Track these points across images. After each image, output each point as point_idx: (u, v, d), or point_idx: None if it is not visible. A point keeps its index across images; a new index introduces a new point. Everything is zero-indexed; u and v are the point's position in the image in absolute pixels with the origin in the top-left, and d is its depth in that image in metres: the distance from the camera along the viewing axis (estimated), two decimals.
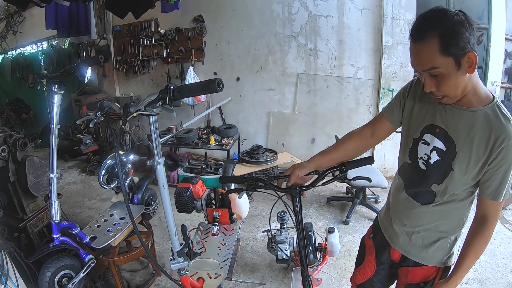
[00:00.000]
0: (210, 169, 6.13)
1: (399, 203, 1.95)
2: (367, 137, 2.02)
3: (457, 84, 1.48)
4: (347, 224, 4.76)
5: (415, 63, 1.51)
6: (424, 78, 1.52)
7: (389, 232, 2.03)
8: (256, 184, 1.92)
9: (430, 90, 1.53)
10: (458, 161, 1.61)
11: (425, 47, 1.42)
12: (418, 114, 1.78)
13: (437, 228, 1.82)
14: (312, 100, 6.51)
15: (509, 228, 4.68)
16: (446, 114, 1.65)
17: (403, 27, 5.76)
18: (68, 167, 7.19)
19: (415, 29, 1.45)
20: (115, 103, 2.35)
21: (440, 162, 1.68)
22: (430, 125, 1.71)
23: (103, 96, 7.54)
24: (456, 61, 1.40)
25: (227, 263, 2.82)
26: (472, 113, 1.57)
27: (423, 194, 1.79)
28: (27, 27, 8.71)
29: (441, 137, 1.66)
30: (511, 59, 6.20)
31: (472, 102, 1.58)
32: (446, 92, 1.52)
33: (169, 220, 1.96)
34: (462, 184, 1.66)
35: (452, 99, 1.56)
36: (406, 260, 1.95)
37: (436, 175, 1.70)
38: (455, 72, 1.43)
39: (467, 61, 1.41)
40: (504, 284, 3.64)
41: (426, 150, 1.73)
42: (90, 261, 3.03)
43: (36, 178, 3.25)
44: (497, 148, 1.51)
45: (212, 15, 6.64)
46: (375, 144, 2.11)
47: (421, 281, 1.93)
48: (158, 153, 1.83)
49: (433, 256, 1.86)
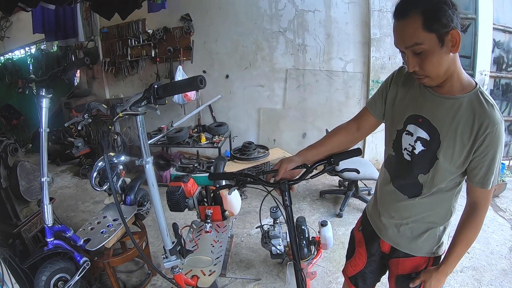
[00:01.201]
0: (202, 167, 6.15)
1: (386, 196, 1.96)
2: (353, 131, 2.04)
3: (440, 62, 1.47)
4: (340, 217, 4.79)
5: (398, 41, 1.52)
6: (407, 57, 1.52)
7: (377, 225, 2.04)
8: (245, 180, 1.93)
9: (414, 70, 1.53)
10: (443, 150, 1.61)
11: (409, 23, 1.43)
12: (400, 105, 1.78)
13: (425, 219, 1.82)
14: (302, 95, 6.52)
15: (502, 215, 4.73)
16: (428, 103, 1.65)
17: (391, 20, 5.75)
18: (60, 171, 7.15)
19: (399, 7, 1.46)
20: (102, 104, 2.36)
21: (425, 152, 1.68)
22: (413, 115, 1.70)
23: (93, 98, 7.49)
24: (439, 38, 1.41)
25: (220, 260, 2.82)
26: (454, 100, 1.57)
27: (410, 186, 1.79)
28: (14, 32, 8.66)
29: (425, 126, 1.66)
30: (499, 48, 6.24)
31: (454, 90, 1.57)
32: (429, 71, 1.50)
33: (160, 219, 1.97)
34: (448, 173, 1.66)
35: (433, 79, 1.55)
36: (396, 252, 1.96)
37: (421, 165, 1.71)
38: (438, 49, 1.43)
39: (451, 39, 1.41)
40: (499, 270, 3.68)
41: (410, 140, 1.72)
42: (84, 263, 3.04)
43: (28, 183, 3.25)
44: (481, 135, 1.51)
45: (199, 14, 6.62)
46: (362, 138, 2.11)
47: (412, 271, 1.94)
48: (146, 152, 1.84)
49: (423, 246, 1.87)
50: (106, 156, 1.76)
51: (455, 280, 3.52)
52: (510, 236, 4.27)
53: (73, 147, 6.74)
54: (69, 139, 6.99)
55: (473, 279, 3.54)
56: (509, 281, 3.54)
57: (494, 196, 5.16)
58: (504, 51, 6.26)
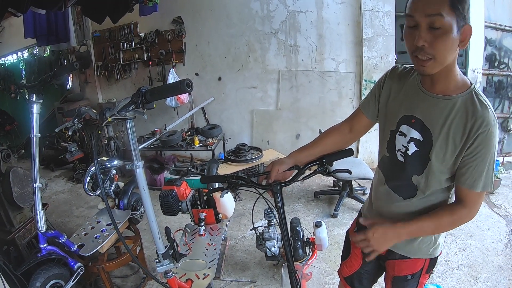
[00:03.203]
0: (196, 170, 6.14)
1: (381, 197, 1.94)
2: (346, 132, 2.03)
3: (451, 47, 1.42)
4: (335, 217, 4.79)
5: (419, 6, 1.41)
6: (420, 29, 1.42)
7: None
8: (236, 182, 1.93)
9: (423, 44, 1.42)
10: (435, 151, 1.59)
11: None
12: (393, 105, 1.77)
13: None
14: (295, 95, 6.54)
15: (497, 212, 4.76)
16: (421, 104, 1.63)
17: (382, 19, 5.82)
18: (54, 177, 7.11)
19: None
20: (92, 109, 2.35)
21: (418, 153, 1.66)
22: (406, 115, 1.69)
23: (86, 103, 7.47)
24: (458, 23, 1.37)
25: (214, 263, 2.81)
26: (448, 101, 1.55)
27: (405, 187, 1.78)
28: (6, 37, 8.61)
29: (417, 127, 1.64)
30: (491, 46, 6.27)
31: (448, 90, 1.55)
32: (438, 52, 1.42)
33: (151, 223, 1.96)
34: (441, 174, 1.64)
35: (437, 64, 1.45)
36: (392, 253, 1.93)
37: (415, 166, 1.69)
38: (454, 32, 1.38)
39: (462, 33, 1.40)
40: (495, 267, 3.69)
41: (403, 141, 1.71)
42: (79, 269, 3.03)
43: (21, 189, 3.24)
44: (473, 135, 1.48)
45: (191, 16, 6.63)
46: (355, 139, 2.11)
47: (408, 273, 1.93)
48: (136, 157, 1.84)
49: (419, 248, 1.85)
50: (96, 161, 1.76)
51: (451, 278, 3.53)
52: (505, 232, 4.29)
53: (66, 152, 6.72)
54: (62, 144, 6.96)
55: (469, 276, 3.55)
56: (506, 277, 3.55)
57: (490, 193, 5.18)
58: (496, 48, 6.32)
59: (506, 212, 4.75)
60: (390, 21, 5.81)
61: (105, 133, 6.71)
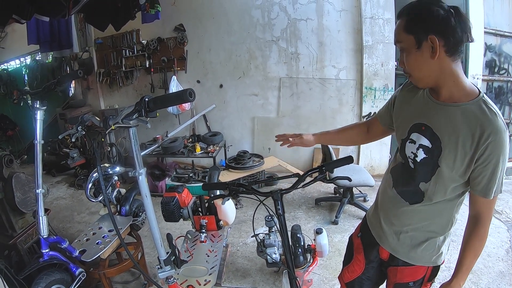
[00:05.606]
0: (198, 177, 6.15)
1: (387, 201, 1.97)
2: (364, 131, 2.25)
3: (417, 63, 1.60)
4: (336, 224, 4.79)
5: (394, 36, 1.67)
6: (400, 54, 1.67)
7: (377, 231, 2.05)
8: (237, 189, 1.96)
9: (402, 65, 1.68)
10: (444, 158, 1.62)
11: (398, 24, 1.61)
12: (405, 115, 1.84)
13: (425, 228, 1.83)
14: (296, 103, 6.57)
15: (498, 217, 4.75)
16: (430, 111, 1.67)
17: (382, 26, 5.84)
18: (56, 182, 7.13)
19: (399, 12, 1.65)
20: (95, 117, 2.37)
21: (426, 160, 1.69)
22: (416, 123, 1.73)
23: (88, 109, 7.51)
24: (417, 40, 1.54)
25: (215, 269, 2.83)
26: (456, 108, 1.58)
27: (412, 193, 1.81)
28: (9, 42, 8.62)
29: (427, 134, 1.68)
30: (491, 51, 6.29)
31: (455, 97, 1.60)
32: (410, 70, 1.65)
33: (153, 229, 1.98)
34: (450, 181, 1.66)
35: (416, 80, 1.68)
36: (394, 260, 1.96)
37: (423, 173, 1.72)
38: (414, 50, 1.56)
39: (431, 45, 1.50)
40: (496, 273, 3.70)
41: (413, 148, 1.75)
42: (80, 274, 3.04)
43: (24, 195, 3.25)
44: (483, 143, 1.51)
45: (193, 24, 6.66)
46: (371, 140, 2.27)
47: (410, 280, 1.94)
48: (139, 164, 1.86)
49: (422, 256, 1.87)
50: (99, 168, 1.78)
51: None
52: (506, 238, 4.29)
53: (68, 158, 6.73)
54: (64, 150, 6.97)
55: (471, 282, 3.55)
56: (507, 283, 3.55)
57: None
58: (495, 54, 6.32)
59: (507, 218, 4.75)
60: (390, 28, 5.82)
61: (107, 139, 6.72)
